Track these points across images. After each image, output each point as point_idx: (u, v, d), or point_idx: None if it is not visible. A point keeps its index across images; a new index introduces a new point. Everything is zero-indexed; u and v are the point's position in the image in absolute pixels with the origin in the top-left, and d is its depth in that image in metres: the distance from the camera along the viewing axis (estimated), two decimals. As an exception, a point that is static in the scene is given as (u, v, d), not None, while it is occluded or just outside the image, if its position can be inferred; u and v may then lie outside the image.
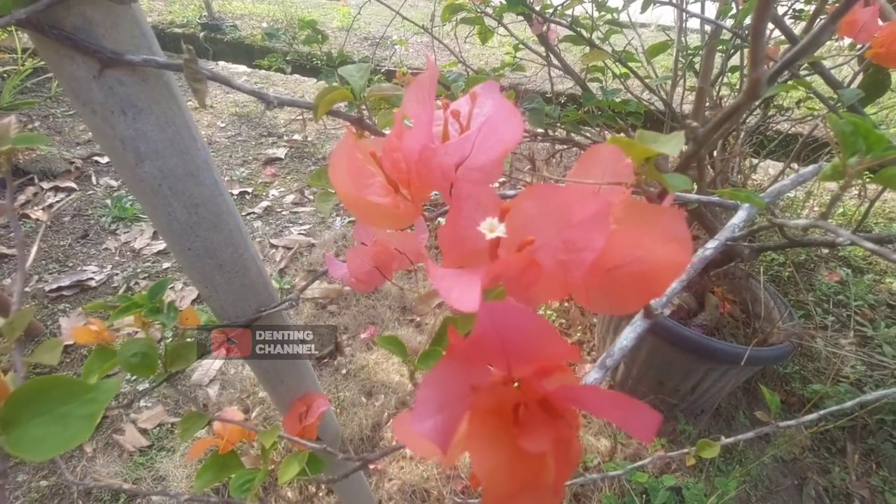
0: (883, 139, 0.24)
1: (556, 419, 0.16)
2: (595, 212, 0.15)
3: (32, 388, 0.19)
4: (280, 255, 1.88)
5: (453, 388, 0.15)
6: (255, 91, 0.33)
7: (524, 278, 0.17)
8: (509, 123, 0.20)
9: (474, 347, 0.15)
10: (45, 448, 0.19)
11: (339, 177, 0.21)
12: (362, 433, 1.27)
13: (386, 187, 0.21)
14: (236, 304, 0.44)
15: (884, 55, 0.58)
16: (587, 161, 0.25)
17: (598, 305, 0.18)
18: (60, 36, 0.25)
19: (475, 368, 0.16)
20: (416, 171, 0.20)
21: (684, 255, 0.16)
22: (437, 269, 0.16)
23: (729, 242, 0.40)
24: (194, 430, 0.44)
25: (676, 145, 0.19)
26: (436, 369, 0.15)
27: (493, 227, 0.17)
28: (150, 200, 0.35)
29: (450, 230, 0.18)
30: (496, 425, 0.16)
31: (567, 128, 0.96)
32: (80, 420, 0.19)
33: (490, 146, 0.20)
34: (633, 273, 0.17)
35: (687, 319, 1.33)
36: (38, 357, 0.27)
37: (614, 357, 0.36)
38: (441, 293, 0.15)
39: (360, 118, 0.35)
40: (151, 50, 0.30)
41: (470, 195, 0.18)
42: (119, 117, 0.30)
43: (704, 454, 0.63)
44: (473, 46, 3.40)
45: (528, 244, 0.16)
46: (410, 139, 0.19)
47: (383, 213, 0.21)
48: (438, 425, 0.15)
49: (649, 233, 0.16)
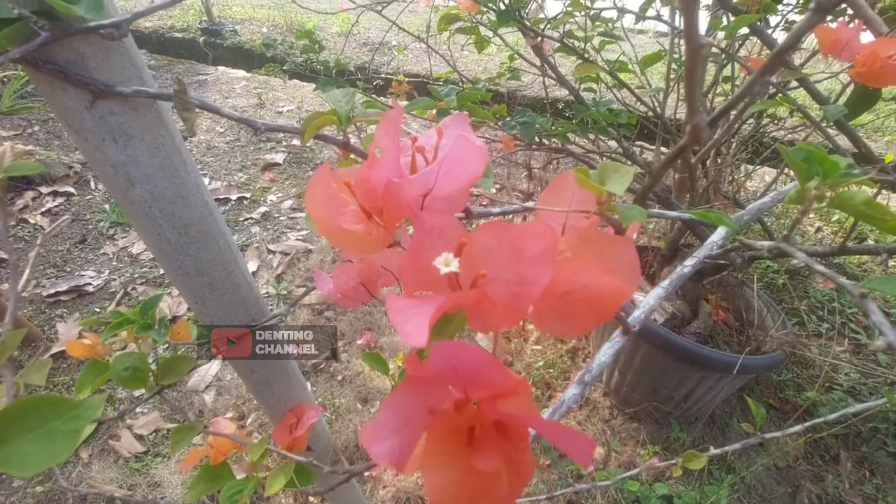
0: (836, 166, 0.25)
1: (507, 440, 0.17)
2: (542, 249, 0.17)
3: (21, 407, 0.20)
4: (277, 260, 1.89)
5: (411, 411, 0.17)
6: (242, 118, 0.34)
7: (479, 307, 0.18)
8: (470, 157, 0.21)
9: (431, 378, 0.16)
10: (33, 464, 0.20)
11: (314, 205, 0.22)
12: (357, 440, 1.28)
13: (359, 215, 0.22)
14: (227, 319, 0.45)
15: (865, 74, 0.59)
16: (556, 188, 0.26)
17: (552, 328, 0.19)
18: (54, 70, 0.27)
19: (433, 394, 0.17)
20: (385, 202, 0.21)
21: (627, 284, 0.17)
22: (395, 301, 0.17)
23: (707, 260, 0.41)
24: (185, 442, 0.45)
25: (623, 184, 0.20)
26: (395, 393, 0.17)
27: (448, 261, 0.18)
28: (141, 222, 0.36)
29: (410, 261, 0.19)
30: (451, 445, 0.17)
31: (559, 140, 0.97)
32: (66, 436, 0.20)
33: (454, 178, 0.21)
34: (581, 298, 0.18)
35: (680, 327, 1.34)
36: (27, 377, 0.28)
37: (592, 373, 0.37)
38: (395, 326, 0.16)
39: (346, 142, 0.36)
40: (142, 80, 0.31)
41: (433, 227, 0.19)
42: (110, 144, 0.31)
43: (691, 465, 0.64)
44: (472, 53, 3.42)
45: (482, 278, 0.17)
46: (378, 172, 0.21)
47: (357, 240, 0.22)
48: (395, 446, 0.16)
49: (595, 262, 0.17)
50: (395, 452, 0.16)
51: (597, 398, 1.47)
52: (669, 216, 0.46)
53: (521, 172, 2.17)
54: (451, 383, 0.16)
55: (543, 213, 0.24)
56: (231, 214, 2.11)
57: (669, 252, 1.41)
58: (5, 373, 0.23)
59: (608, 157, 1.33)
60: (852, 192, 0.25)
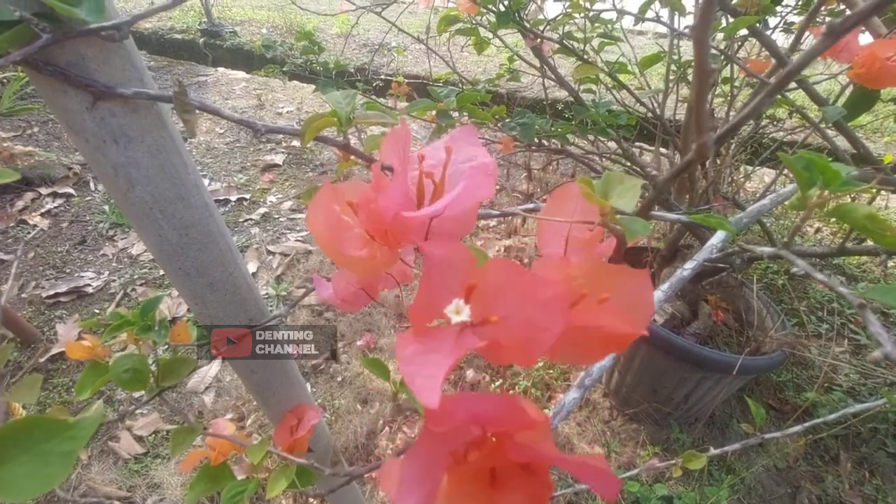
0: (837, 174, 0.25)
1: (531, 477, 0.17)
2: (555, 294, 0.16)
3: (14, 429, 0.20)
4: (277, 261, 1.89)
5: (432, 461, 0.16)
6: (242, 120, 0.34)
7: (492, 352, 0.18)
8: (482, 182, 0.21)
9: (451, 430, 0.16)
10: (26, 488, 0.19)
11: (317, 227, 0.22)
12: (357, 441, 1.28)
13: (363, 238, 0.22)
14: (227, 320, 0.45)
15: (864, 75, 0.59)
16: (559, 198, 0.26)
17: (564, 360, 0.19)
18: (55, 72, 0.27)
19: (453, 438, 0.17)
20: (392, 228, 0.21)
21: (640, 326, 0.17)
22: (405, 347, 0.17)
23: (706, 263, 0.41)
24: (186, 445, 0.45)
25: (631, 199, 0.20)
26: (416, 447, 0.16)
27: (458, 309, 0.18)
28: (141, 223, 0.36)
29: (421, 301, 0.19)
30: (474, 485, 0.17)
31: (559, 141, 0.97)
32: (60, 458, 0.19)
33: (464, 199, 0.21)
34: (595, 335, 0.18)
35: (680, 328, 1.34)
36: (17, 397, 0.27)
37: (592, 377, 0.37)
38: (405, 379, 0.16)
39: (346, 143, 0.36)
40: (143, 82, 0.31)
41: (441, 261, 0.19)
42: (111, 146, 0.31)
43: (691, 466, 0.64)
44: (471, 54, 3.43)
45: (493, 323, 0.17)
46: (386, 200, 0.20)
47: (361, 265, 0.22)
48: (421, 499, 0.16)
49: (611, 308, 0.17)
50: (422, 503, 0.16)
51: (597, 399, 1.47)
52: (669, 219, 0.46)
53: (521, 173, 2.17)
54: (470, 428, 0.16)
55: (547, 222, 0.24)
56: (231, 215, 2.11)
57: (669, 253, 1.41)
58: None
59: (608, 158, 1.34)
60: (854, 204, 0.25)
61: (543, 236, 0.28)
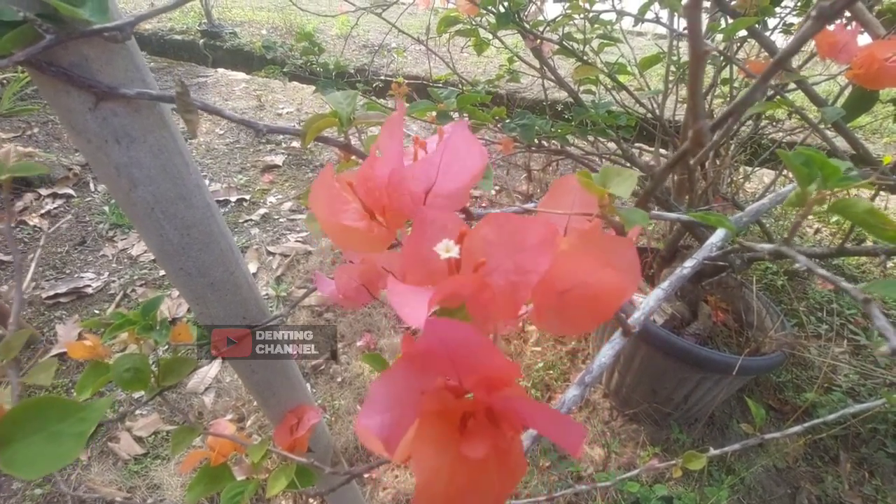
0: (836, 170, 0.25)
1: (498, 429, 0.17)
2: (541, 238, 0.17)
3: (27, 408, 0.20)
4: (277, 262, 1.89)
5: (404, 391, 0.17)
6: (244, 120, 0.34)
7: (479, 298, 0.18)
8: (470, 150, 0.21)
9: (424, 355, 0.16)
10: (39, 466, 0.20)
11: (318, 204, 0.22)
12: (357, 442, 1.28)
13: (361, 213, 0.23)
14: (227, 320, 0.46)
15: (863, 76, 0.59)
16: (558, 191, 0.26)
17: (552, 327, 0.19)
18: (58, 73, 0.27)
19: (426, 375, 0.17)
20: (388, 197, 0.21)
21: (627, 281, 0.17)
22: (396, 285, 0.17)
23: (706, 262, 0.41)
24: (186, 444, 0.45)
25: (628, 188, 0.20)
26: (389, 371, 0.17)
27: (448, 247, 0.18)
28: (143, 223, 0.36)
29: (412, 250, 0.19)
30: (443, 431, 0.17)
31: (559, 142, 0.97)
32: (72, 438, 0.20)
33: (455, 173, 0.21)
34: (581, 296, 0.18)
35: (680, 328, 1.34)
36: (33, 378, 0.28)
37: (593, 374, 0.37)
38: (394, 307, 0.16)
39: (347, 143, 0.36)
40: (145, 82, 0.31)
41: (434, 219, 0.19)
42: (113, 146, 0.31)
43: (691, 466, 0.64)
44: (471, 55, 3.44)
45: (481, 265, 0.18)
46: (381, 166, 0.21)
47: (359, 238, 0.22)
48: (386, 422, 0.16)
49: (595, 258, 0.18)
50: (384, 428, 0.16)
51: (597, 399, 1.47)
52: (669, 218, 0.46)
53: (521, 174, 2.18)
54: (443, 365, 0.17)
55: (545, 215, 0.24)
56: (231, 216, 2.11)
57: (668, 253, 1.41)
58: (10, 373, 0.23)
59: (607, 158, 1.34)
60: (854, 199, 0.25)
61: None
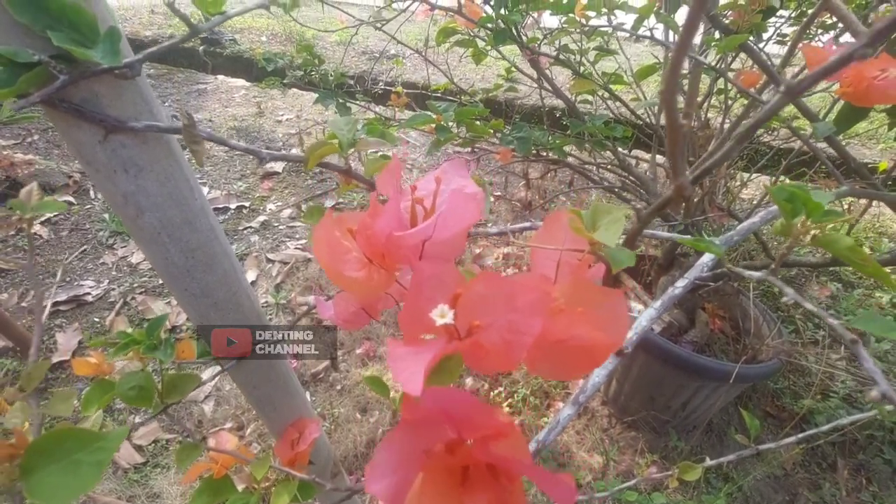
0: (819, 206, 0.26)
1: (498, 482, 0.18)
2: (533, 300, 0.18)
3: (48, 439, 0.21)
4: (277, 269, 1.90)
5: (407, 453, 0.18)
6: (248, 149, 0.35)
7: (474, 355, 0.19)
8: (467, 207, 0.22)
9: (424, 420, 0.17)
10: (61, 494, 0.21)
11: (320, 253, 0.23)
12: (356, 450, 1.28)
13: (361, 261, 0.24)
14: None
15: (852, 94, 0.60)
16: (550, 226, 0.27)
17: (544, 373, 0.20)
18: (69, 109, 0.28)
19: (427, 437, 0.18)
20: (387, 250, 0.22)
21: (616, 338, 0.18)
22: (395, 349, 0.18)
23: (697, 281, 0.42)
24: (190, 461, 0.45)
25: (615, 233, 0.21)
26: (391, 435, 0.18)
27: (443, 313, 0.19)
28: (149, 247, 0.37)
29: (409, 310, 0.20)
30: (445, 485, 0.18)
31: (555, 154, 0.99)
32: (91, 467, 0.21)
33: (452, 224, 0.22)
34: (573, 347, 0.19)
35: (677, 336, 1.35)
36: (53, 409, 0.29)
37: (587, 393, 0.38)
38: (393, 374, 0.17)
39: (347, 169, 0.37)
40: (153, 114, 0.32)
41: (430, 276, 0.20)
42: (122, 175, 0.32)
43: (687, 477, 0.64)
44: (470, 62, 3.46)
45: (476, 328, 0.19)
46: (381, 224, 0.22)
47: (359, 286, 0.23)
48: (392, 485, 0.17)
49: (587, 317, 0.19)
50: (391, 490, 0.17)
51: (595, 407, 1.48)
52: (662, 237, 0.48)
53: (520, 181, 2.19)
54: (444, 425, 0.18)
55: (539, 250, 0.25)
56: (230, 223, 2.12)
57: (666, 261, 1.42)
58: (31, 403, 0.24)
59: (604, 167, 1.35)
60: (838, 235, 0.26)
61: (536, 260, 0.29)
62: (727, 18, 0.81)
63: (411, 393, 0.16)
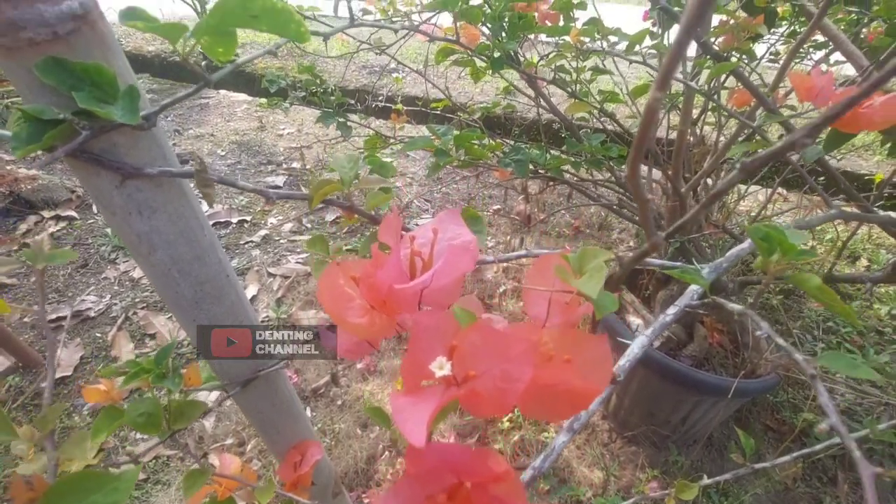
0: (794, 247, 0.28)
1: None
2: (523, 350, 0.19)
3: (66, 483, 0.23)
4: (278, 283, 1.91)
5: (411, 500, 0.19)
6: (256, 189, 0.37)
7: (470, 401, 0.20)
8: (462, 258, 0.24)
9: (427, 472, 0.19)
10: None
11: (325, 301, 0.25)
12: (357, 466, 1.29)
13: (364, 307, 0.25)
14: (235, 364, 0.48)
15: (839, 121, 0.63)
16: (541, 268, 0.29)
17: (534, 414, 0.22)
18: (90, 159, 0.30)
19: (431, 483, 0.19)
20: (388, 298, 0.24)
21: (599, 385, 0.20)
22: (397, 400, 0.20)
23: (688, 309, 0.44)
24: (198, 487, 0.46)
25: (596, 285, 0.23)
26: (397, 486, 0.19)
27: (441, 365, 0.21)
28: (160, 281, 0.38)
29: (410, 361, 0.22)
30: None
31: (552, 174, 1.01)
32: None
33: (448, 273, 0.24)
34: (561, 392, 0.21)
35: (676, 350, 1.36)
36: (68, 453, 0.30)
37: (581, 421, 0.39)
38: (396, 424, 0.18)
39: (350, 205, 0.39)
40: (167, 160, 0.34)
41: (428, 328, 0.22)
42: (136, 217, 0.34)
43: (683, 496, 0.65)
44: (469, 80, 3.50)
45: (471, 378, 0.20)
46: (383, 275, 0.24)
47: (363, 331, 0.25)
48: None
49: (572, 367, 0.20)
50: None
51: (595, 422, 1.48)
52: (654, 265, 0.49)
53: (519, 194, 2.21)
54: (444, 476, 0.19)
55: (531, 291, 0.27)
56: (231, 238, 2.14)
57: (665, 275, 1.44)
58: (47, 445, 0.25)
59: (601, 185, 1.37)
60: (808, 275, 0.28)
61: (529, 299, 0.31)
62: (717, 45, 0.84)
63: (415, 444, 0.18)
